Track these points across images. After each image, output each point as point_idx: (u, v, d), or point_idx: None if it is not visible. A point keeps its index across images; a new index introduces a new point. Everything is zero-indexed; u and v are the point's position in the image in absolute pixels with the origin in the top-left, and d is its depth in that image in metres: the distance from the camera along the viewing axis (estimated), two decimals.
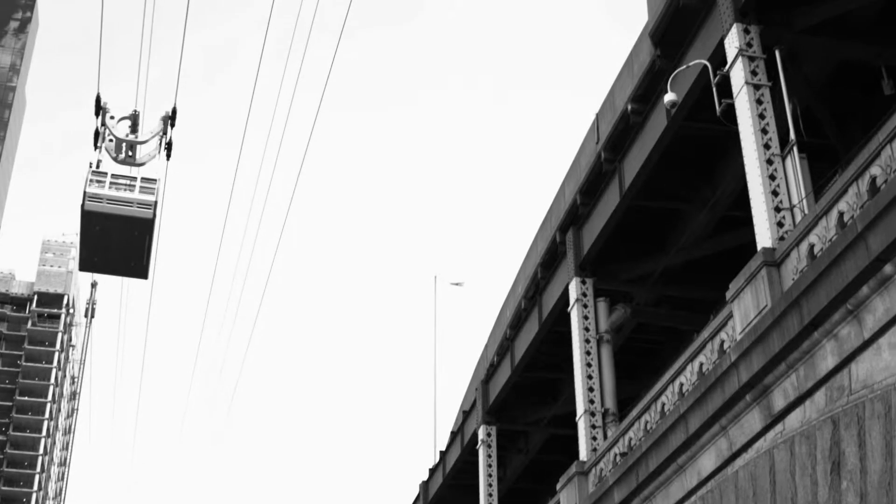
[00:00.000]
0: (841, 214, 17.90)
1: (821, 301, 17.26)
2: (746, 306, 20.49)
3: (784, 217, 21.06)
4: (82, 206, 32.19)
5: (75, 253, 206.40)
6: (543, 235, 36.81)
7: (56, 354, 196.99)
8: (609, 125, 30.11)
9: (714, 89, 23.59)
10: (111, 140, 33.42)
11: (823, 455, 17.44)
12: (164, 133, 33.77)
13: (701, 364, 23.06)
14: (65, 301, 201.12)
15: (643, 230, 32.51)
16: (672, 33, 26.06)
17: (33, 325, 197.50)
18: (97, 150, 33.27)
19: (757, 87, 22.47)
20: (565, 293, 33.77)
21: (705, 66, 24.27)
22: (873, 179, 17.10)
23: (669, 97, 24.94)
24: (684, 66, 25.18)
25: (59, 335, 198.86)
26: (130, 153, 33.50)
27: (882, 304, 16.08)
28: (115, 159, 33.22)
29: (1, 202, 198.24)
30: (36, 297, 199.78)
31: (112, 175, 32.69)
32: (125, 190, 32.43)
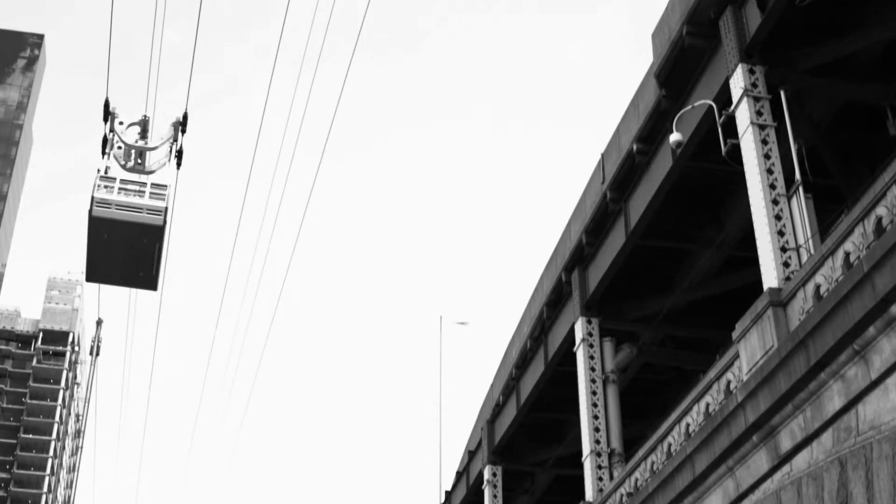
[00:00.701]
0: (847, 255, 17.90)
1: (827, 342, 17.21)
2: (753, 346, 20.45)
3: (790, 257, 21.05)
4: (90, 211, 31.11)
5: (81, 290, 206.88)
6: (549, 275, 36.80)
7: (61, 392, 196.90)
8: (614, 165, 30.16)
9: (719, 129, 23.65)
10: (120, 147, 32.39)
11: (831, 496, 17.34)
12: (175, 140, 32.75)
13: (707, 404, 22.99)
14: (70, 339, 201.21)
15: (649, 270, 32.49)
16: (677, 73, 26.15)
17: (38, 362, 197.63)
18: (105, 158, 32.20)
19: (762, 127, 22.52)
20: (571, 333, 33.73)
21: (710, 106, 24.34)
22: (879, 220, 17.11)
23: (675, 137, 25.01)
24: (689, 107, 25.26)
25: (64, 373, 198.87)
26: (140, 161, 32.48)
27: (889, 345, 16.04)
28: (124, 167, 32.17)
29: (7, 239, 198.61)
30: (41, 334, 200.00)
31: (121, 180, 31.62)
32: (135, 195, 31.30)
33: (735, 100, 23.10)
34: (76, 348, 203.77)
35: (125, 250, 32.05)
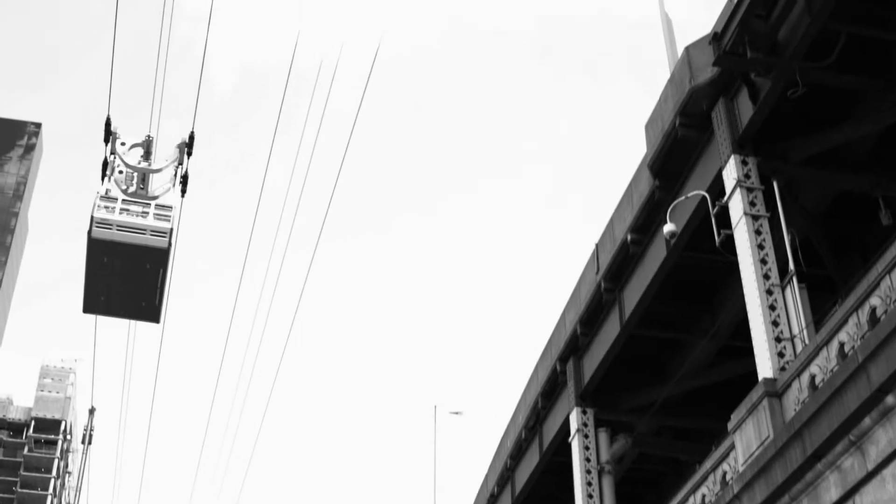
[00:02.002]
0: (842, 345, 17.93)
1: (823, 432, 17.17)
2: (748, 437, 20.38)
3: (785, 347, 21.07)
4: (89, 232, 29.12)
5: (74, 378, 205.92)
6: (544, 365, 36.75)
7: (52, 481, 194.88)
8: (609, 255, 30.28)
9: (713, 220, 23.79)
10: (121, 172, 30.38)
11: None
12: (180, 163, 30.74)
13: (703, 496, 22.84)
14: (62, 427, 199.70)
15: (644, 359, 32.49)
16: (670, 164, 26.37)
17: (30, 450, 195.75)
18: (105, 181, 30.18)
19: (755, 217, 22.67)
20: (566, 423, 33.60)
21: (704, 196, 24.52)
22: (873, 310, 17.17)
23: (669, 228, 25.14)
24: (683, 197, 25.43)
25: (56, 461, 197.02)
26: (142, 186, 30.53)
27: (885, 436, 16.00)
28: (125, 192, 30.13)
29: (1, 327, 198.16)
30: (33, 422, 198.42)
31: (123, 200, 29.68)
32: (138, 216, 29.42)
33: (728, 190, 23.27)
34: (68, 437, 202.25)
35: (126, 276, 30.24)
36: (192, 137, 30.49)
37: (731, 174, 23.25)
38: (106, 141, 30.34)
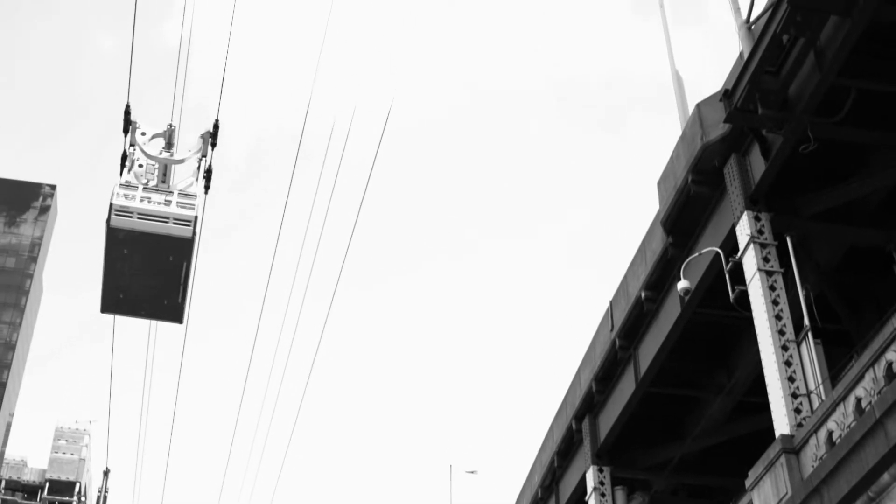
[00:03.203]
0: (858, 400, 17.84)
1: (841, 489, 17.07)
2: (766, 494, 20.24)
3: (801, 403, 20.97)
4: (107, 220, 27.12)
5: (88, 440, 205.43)
6: (559, 423, 36.61)
7: None
8: (623, 312, 30.25)
9: (727, 276, 23.78)
10: (140, 166, 28.62)
11: None
12: (204, 154, 28.94)
13: None
14: (77, 489, 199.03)
15: (660, 417, 32.36)
16: (683, 221, 26.40)
17: None
18: (125, 172, 28.37)
19: (769, 273, 22.66)
20: (582, 482, 33.42)
21: (717, 253, 24.52)
22: (889, 365, 17.10)
23: (682, 285, 25.14)
24: (696, 254, 25.45)
25: None
26: (163, 180, 28.61)
27: None
28: (145, 186, 28.12)
29: (15, 389, 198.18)
30: (48, 484, 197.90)
31: (144, 188, 27.71)
32: (160, 204, 27.37)
33: (741, 247, 23.28)
34: (83, 499, 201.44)
35: (148, 271, 28.20)
36: (216, 126, 28.90)
37: (744, 230, 23.27)
38: (125, 131, 28.80)
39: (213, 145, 28.86)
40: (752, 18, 23.71)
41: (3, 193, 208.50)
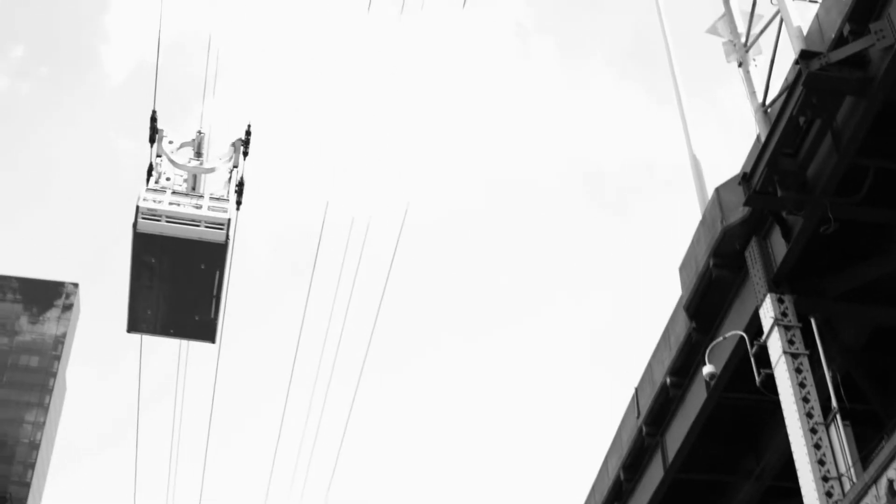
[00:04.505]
0: (891, 482, 17.66)
1: None
2: None
3: (832, 486, 20.73)
4: (134, 225, 24.94)
5: None
6: None
7: None
8: (649, 399, 30.08)
9: (752, 359, 23.67)
10: (168, 179, 26.71)
11: None
12: (236, 165, 27.10)
13: None
14: None
15: (689, 503, 31.99)
16: (706, 305, 26.34)
17: None
18: (150, 184, 26.41)
19: (795, 355, 22.54)
20: None
21: (742, 337, 24.43)
22: None
23: (708, 369, 25.04)
24: (721, 338, 25.36)
25: None
26: (193, 190, 26.72)
27: None
28: (174, 191, 26.32)
29: (39, 489, 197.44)
30: None
31: (173, 192, 25.79)
32: (190, 207, 25.38)
33: (766, 329, 23.19)
34: None
35: (177, 281, 25.94)
36: (248, 133, 27.05)
37: (767, 313, 23.20)
38: (151, 140, 26.85)
39: (246, 154, 27.17)
40: (767, 101, 23.87)
41: (26, 292, 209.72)
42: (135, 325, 26.93)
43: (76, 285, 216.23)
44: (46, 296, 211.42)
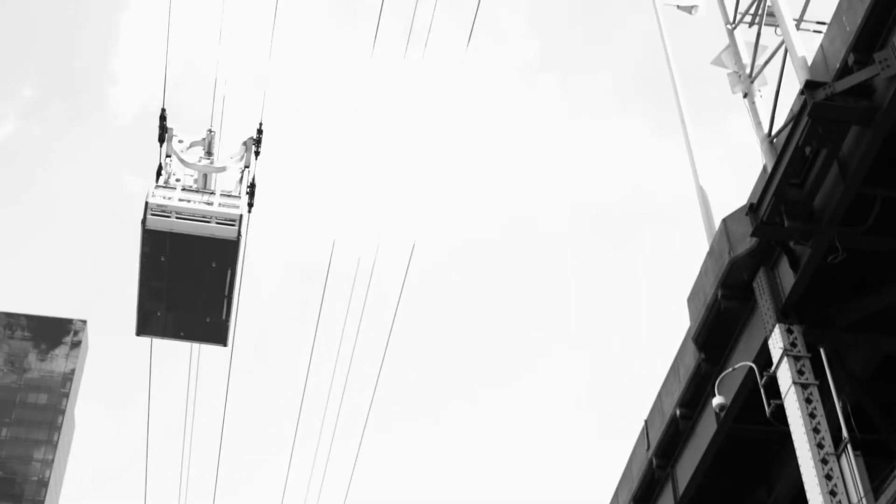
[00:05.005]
0: None
1: None
2: None
3: None
4: (143, 222, 24.30)
5: None
6: None
7: None
8: (658, 431, 29.99)
9: (762, 390, 23.60)
10: (178, 180, 25.94)
11: None
12: (247, 165, 26.35)
13: None
14: None
15: None
16: (715, 336, 26.29)
17: None
18: (160, 183, 25.63)
19: (805, 386, 22.47)
20: None
21: (751, 367, 24.37)
22: None
23: (717, 401, 24.96)
24: (730, 369, 25.30)
25: None
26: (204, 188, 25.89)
27: None
28: (184, 188, 25.64)
29: None
30: None
31: (183, 188, 25.12)
32: (200, 203, 24.67)
33: (775, 360, 23.14)
34: None
35: (188, 280, 25.12)
36: (260, 132, 26.25)
37: (777, 343, 23.15)
38: (161, 140, 26.00)
39: (258, 153, 26.32)
40: (773, 132, 23.92)
41: (35, 329, 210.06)
42: (144, 327, 26.33)
43: (84, 322, 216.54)
44: (55, 333, 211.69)
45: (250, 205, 25.82)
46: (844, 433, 21.74)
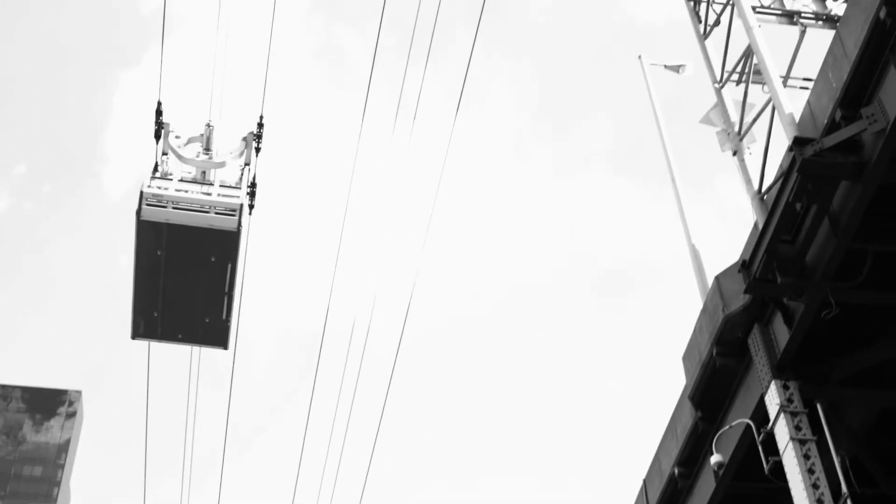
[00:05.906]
0: None
1: None
2: None
3: None
4: (137, 212, 22.60)
5: None
6: None
7: None
8: (657, 490, 29.80)
9: (759, 447, 23.52)
10: (178, 179, 24.59)
11: None
12: (248, 162, 25.12)
13: None
14: None
15: None
16: (711, 394, 26.23)
17: None
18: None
19: (803, 442, 22.39)
20: None
21: (748, 424, 24.31)
22: None
23: (715, 459, 24.87)
24: (727, 427, 25.22)
25: None
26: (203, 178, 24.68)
27: None
28: (182, 179, 24.42)
29: None
30: None
31: (180, 179, 23.87)
32: (198, 193, 23.40)
33: (772, 416, 23.08)
34: None
35: (186, 276, 23.72)
36: (261, 125, 25.03)
37: (773, 400, 23.10)
38: (157, 136, 24.62)
39: (258, 149, 25.05)
40: (763, 189, 24.03)
41: (30, 401, 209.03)
42: (139, 329, 24.93)
43: (79, 393, 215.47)
44: (50, 404, 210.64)
45: (251, 205, 24.72)
46: (844, 488, 21.66)
